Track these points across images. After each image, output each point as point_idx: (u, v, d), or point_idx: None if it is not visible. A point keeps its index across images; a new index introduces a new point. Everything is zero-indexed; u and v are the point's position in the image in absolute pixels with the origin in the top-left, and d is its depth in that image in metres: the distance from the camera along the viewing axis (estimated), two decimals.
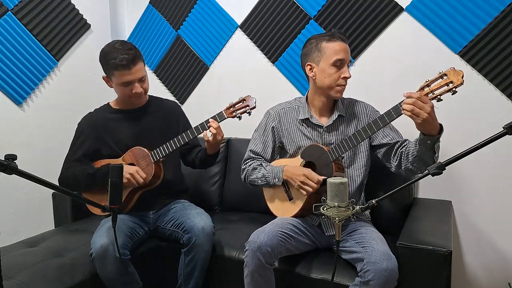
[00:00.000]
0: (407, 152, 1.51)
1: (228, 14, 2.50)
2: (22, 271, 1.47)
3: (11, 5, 2.22)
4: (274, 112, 1.78)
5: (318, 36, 1.64)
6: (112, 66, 1.72)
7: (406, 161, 1.51)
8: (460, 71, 1.26)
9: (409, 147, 1.50)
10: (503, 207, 1.92)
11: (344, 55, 1.57)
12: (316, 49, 1.61)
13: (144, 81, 1.81)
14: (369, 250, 1.39)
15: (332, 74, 1.58)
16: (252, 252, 1.43)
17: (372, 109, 1.71)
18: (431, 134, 1.35)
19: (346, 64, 1.59)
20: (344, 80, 1.59)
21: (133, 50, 1.73)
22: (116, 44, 1.75)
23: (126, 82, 1.75)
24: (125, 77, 1.73)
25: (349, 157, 1.66)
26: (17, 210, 2.28)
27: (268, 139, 1.77)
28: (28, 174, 1.02)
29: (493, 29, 1.85)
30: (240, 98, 1.77)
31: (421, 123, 1.30)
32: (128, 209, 1.85)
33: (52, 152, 2.41)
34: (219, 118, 1.75)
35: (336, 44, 1.57)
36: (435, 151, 1.40)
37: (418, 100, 1.27)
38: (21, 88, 2.28)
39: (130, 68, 1.71)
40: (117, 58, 1.69)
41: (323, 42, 1.59)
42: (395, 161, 1.57)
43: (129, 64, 1.70)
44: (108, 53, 1.73)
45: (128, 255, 1.64)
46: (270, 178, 1.67)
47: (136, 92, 1.78)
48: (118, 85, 1.78)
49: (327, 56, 1.58)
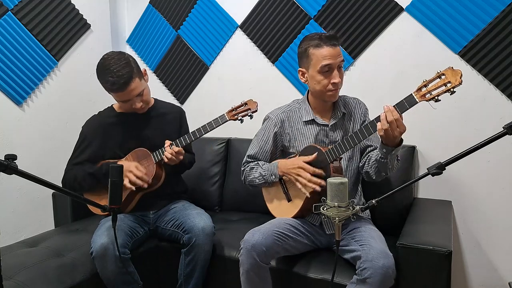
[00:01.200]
0: (370, 156, 1.60)
1: (228, 14, 2.50)
2: (22, 271, 1.47)
3: (11, 5, 2.22)
4: (275, 116, 1.74)
5: (309, 39, 1.58)
6: (106, 88, 1.73)
7: (367, 164, 1.60)
8: (459, 70, 1.24)
9: (374, 152, 1.58)
10: (503, 207, 1.92)
11: (331, 61, 1.52)
12: (305, 55, 1.58)
13: (142, 95, 1.78)
14: (366, 248, 1.39)
15: (321, 81, 1.56)
16: (247, 250, 1.44)
17: (364, 106, 1.74)
18: (388, 145, 1.41)
19: (336, 68, 1.54)
20: (333, 85, 1.56)
21: (126, 70, 1.68)
22: (111, 61, 1.69)
23: (123, 101, 1.78)
24: (121, 97, 1.76)
25: (345, 159, 1.66)
26: (17, 210, 2.28)
27: (267, 144, 1.75)
28: (28, 174, 1.02)
29: (493, 29, 1.85)
30: (242, 102, 1.79)
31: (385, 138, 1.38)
32: (128, 210, 1.86)
33: (52, 152, 2.41)
34: (221, 120, 1.77)
35: (323, 50, 1.52)
36: (388, 161, 1.46)
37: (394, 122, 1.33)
38: (21, 88, 2.28)
39: (123, 90, 1.70)
40: (108, 82, 1.68)
41: (311, 48, 1.55)
42: (361, 162, 1.66)
43: (122, 87, 1.69)
44: (100, 74, 1.71)
45: (129, 254, 1.65)
46: (267, 175, 1.67)
47: (135, 108, 1.80)
48: (117, 101, 1.83)
49: (314, 63, 1.55)
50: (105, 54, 1.75)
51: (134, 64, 1.74)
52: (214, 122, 1.77)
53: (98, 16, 2.69)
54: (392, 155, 1.45)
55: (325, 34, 1.56)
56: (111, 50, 2.70)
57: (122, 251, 1.59)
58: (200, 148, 2.25)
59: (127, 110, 1.85)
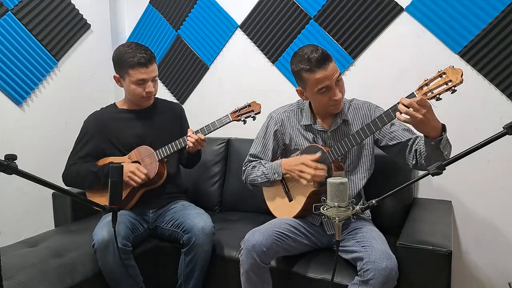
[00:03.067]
0: (419, 150, 1.47)
1: (228, 14, 2.50)
2: (22, 271, 1.47)
3: (11, 5, 2.22)
4: (276, 115, 1.75)
5: (299, 61, 1.51)
6: (129, 64, 1.76)
7: (421, 159, 1.46)
8: (459, 69, 1.24)
9: (420, 145, 1.46)
10: (503, 207, 1.92)
11: (327, 83, 1.48)
12: (299, 78, 1.55)
13: (155, 81, 1.87)
14: (369, 250, 1.39)
15: (321, 99, 1.54)
16: (247, 251, 1.44)
17: (375, 109, 1.66)
18: (431, 136, 1.33)
19: (334, 84, 1.50)
20: (334, 101, 1.53)
21: (149, 51, 1.81)
22: (132, 45, 1.80)
23: (141, 80, 1.79)
24: (141, 75, 1.78)
25: (352, 162, 1.64)
26: (17, 210, 2.28)
27: (268, 142, 1.75)
28: (28, 174, 1.02)
29: (493, 29, 1.85)
30: (246, 103, 1.81)
31: (417, 125, 1.29)
32: (129, 207, 1.87)
33: (52, 152, 2.41)
34: (224, 121, 1.80)
35: (317, 75, 1.47)
36: (441, 150, 1.35)
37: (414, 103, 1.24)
38: (21, 88, 2.28)
39: (147, 67, 1.78)
40: (135, 57, 1.75)
41: (303, 72, 1.50)
42: (412, 159, 1.51)
43: (147, 63, 1.77)
44: (125, 53, 1.78)
45: (130, 247, 1.65)
46: (270, 174, 1.67)
47: (149, 91, 1.82)
48: (132, 83, 1.81)
49: (310, 86, 1.52)
50: (121, 44, 1.85)
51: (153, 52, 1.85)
52: (218, 122, 1.81)
53: (98, 16, 2.69)
54: (442, 143, 1.33)
55: (314, 57, 1.47)
56: (112, 49, 2.71)
57: (124, 243, 1.61)
58: None
59: (136, 97, 1.85)
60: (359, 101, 1.69)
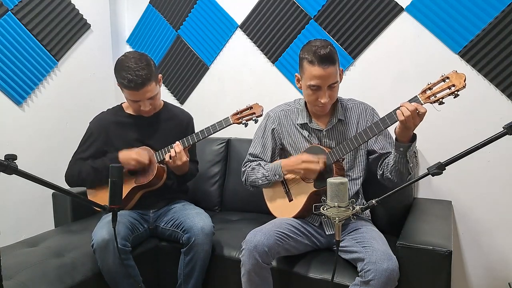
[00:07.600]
0: (387, 162, 1.56)
1: (228, 14, 2.50)
2: (22, 271, 1.47)
3: (11, 5, 2.22)
4: (274, 114, 1.76)
5: (307, 49, 1.52)
6: (121, 84, 1.74)
7: (386, 170, 1.56)
8: (463, 74, 1.27)
9: (390, 157, 1.54)
10: (503, 207, 1.91)
11: (319, 82, 1.49)
12: (301, 64, 1.56)
13: (154, 98, 1.79)
14: (369, 250, 1.39)
15: (309, 95, 1.56)
16: (249, 251, 1.44)
17: (371, 111, 1.69)
18: (403, 141, 1.41)
19: (325, 87, 1.50)
20: (320, 103, 1.54)
21: (145, 71, 1.69)
22: (132, 59, 1.71)
23: (133, 100, 1.78)
24: (133, 97, 1.76)
25: (349, 160, 1.66)
26: (17, 210, 2.28)
27: (267, 142, 1.76)
28: (28, 174, 1.02)
29: (493, 29, 1.85)
30: (248, 106, 1.78)
31: (404, 128, 1.36)
32: (129, 207, 1.87)
33: (52, 152, 2.41)
34: (225, 123, 1.76)
35: (314, 70, 1.48)
36: (408, 160, 1.44)
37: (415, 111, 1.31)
38: (21, 88, 2.28)
39: (138, 90, 1.71)
40: (126, 79, 1.68)
41: (305, 61, 1.51)
42: (380, 170, 1.62)
43: (137, 87, 1.70)
44: (120, 70, 1.72)
45: (129, 247, 1.65)
46: (271, 175, 1.67)
47: (142, 110, 1.80)
48: (127, 99, 1.82)
49: (305, 77, 1.54)
50: (127, 52, 1.78)
51: (154, 67, 1.76)
52: (218, 125, 1.77)
53: (98, 16, 2.69)
54: (410, 151, 1.43)
55: (320, 52, 1.47)
56: (112, 49, 2.71)
57: (123, 243, 1.61)
58: (200, 148, 2.24)
59: (134, 110, 1.87)
60: (355, 101, 1.71)
